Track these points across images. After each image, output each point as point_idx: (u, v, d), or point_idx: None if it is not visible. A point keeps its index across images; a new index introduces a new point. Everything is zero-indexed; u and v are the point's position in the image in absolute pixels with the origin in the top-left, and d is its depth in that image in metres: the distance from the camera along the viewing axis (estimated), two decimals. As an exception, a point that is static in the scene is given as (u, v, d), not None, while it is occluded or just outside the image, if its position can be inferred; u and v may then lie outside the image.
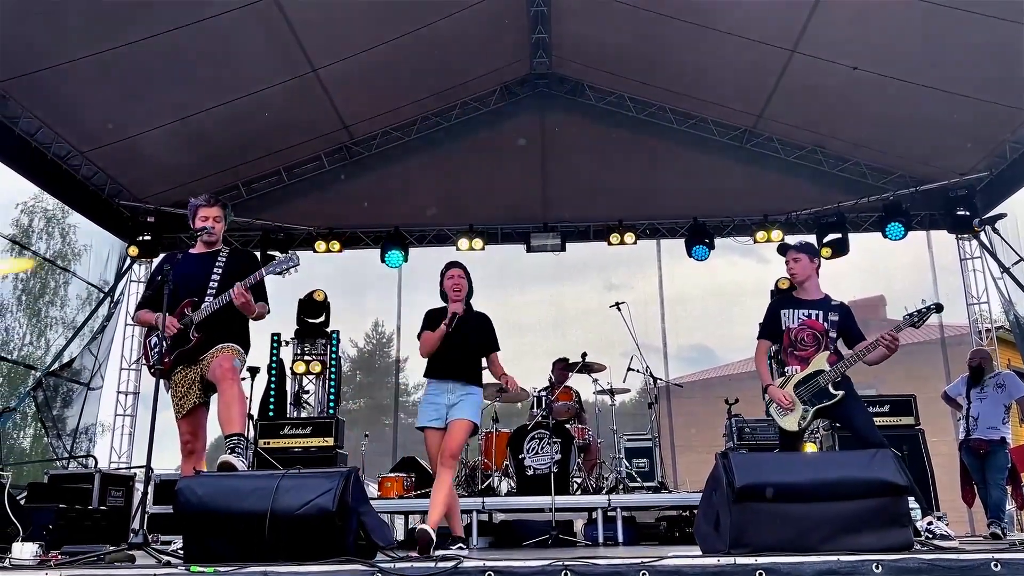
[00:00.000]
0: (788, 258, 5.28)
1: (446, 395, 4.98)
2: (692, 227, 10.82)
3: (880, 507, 3.44)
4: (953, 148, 9.75)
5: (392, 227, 10.97)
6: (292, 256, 4.64)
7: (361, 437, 9.37)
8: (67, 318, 14.97)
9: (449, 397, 4.97)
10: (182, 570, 3.27)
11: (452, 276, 5.14)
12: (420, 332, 5.17)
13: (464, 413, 4.93)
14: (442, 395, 4.99)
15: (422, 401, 5.12)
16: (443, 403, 4.97)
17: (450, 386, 4.99)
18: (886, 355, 4.92)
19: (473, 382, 5.08)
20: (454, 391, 4.98)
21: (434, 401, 5.00)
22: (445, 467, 4.87)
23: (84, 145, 9.21)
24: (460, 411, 4.94)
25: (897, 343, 4.84)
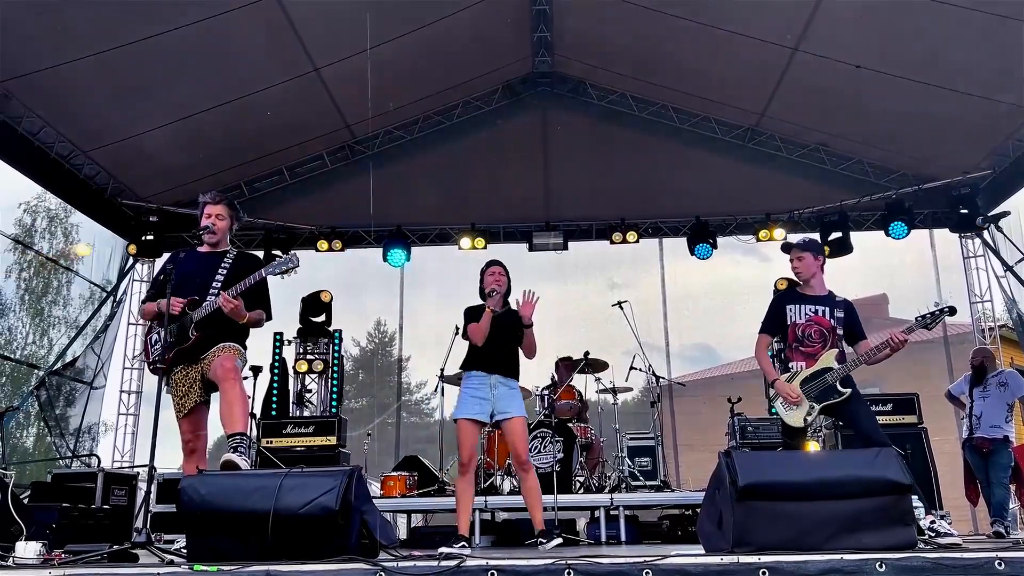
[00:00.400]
0: (792, 256, 5.27)
1: (489, 389, 5.13)
2: (694, 226, 10.82)
3: (883, 506, 3.43)
4: (956, 146, 9.74)
5: (394, 226, 10.97)
6: (292, 257, 4.61)
7: (363, 436, 9.37)
8: (70, 317, 14.96)
9: (492, 392, 5.13)
10: (185, 569, 3.27)
11: (493, 273, 5.33)
12: (464, 327, 5.32)
13: (516, 410, 5.16)
14: (484, 388, 5.14)
15: (461, 393, 5.23)
16: (486, 397, 5.12)
17: (493, 380, 5.15)
18: (888, 354, 4.93)
19: (514, 375, 5.27)
20: (496, 385, 5.15)
21: (476, 395, 5.13)
22: (526, 471, 5.18)
23: (86, 144, 9.21)
24: (511, 407, 5.14)
25: (903, 346, 4.84)
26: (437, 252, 11.57)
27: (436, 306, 12.55)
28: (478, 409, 5.11)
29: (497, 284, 5.28)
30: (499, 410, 5.12)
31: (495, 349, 5.18)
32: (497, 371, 5.18)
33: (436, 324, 12.06)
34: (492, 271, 5.35)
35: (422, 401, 29.80)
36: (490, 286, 5.28)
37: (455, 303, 12.86)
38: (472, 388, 5.18)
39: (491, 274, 5.33)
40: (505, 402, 5.13)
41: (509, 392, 5.18)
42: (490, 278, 5.31)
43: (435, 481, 8.26)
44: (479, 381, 5.17)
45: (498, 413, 5.13)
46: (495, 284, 5.28)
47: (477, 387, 5.16)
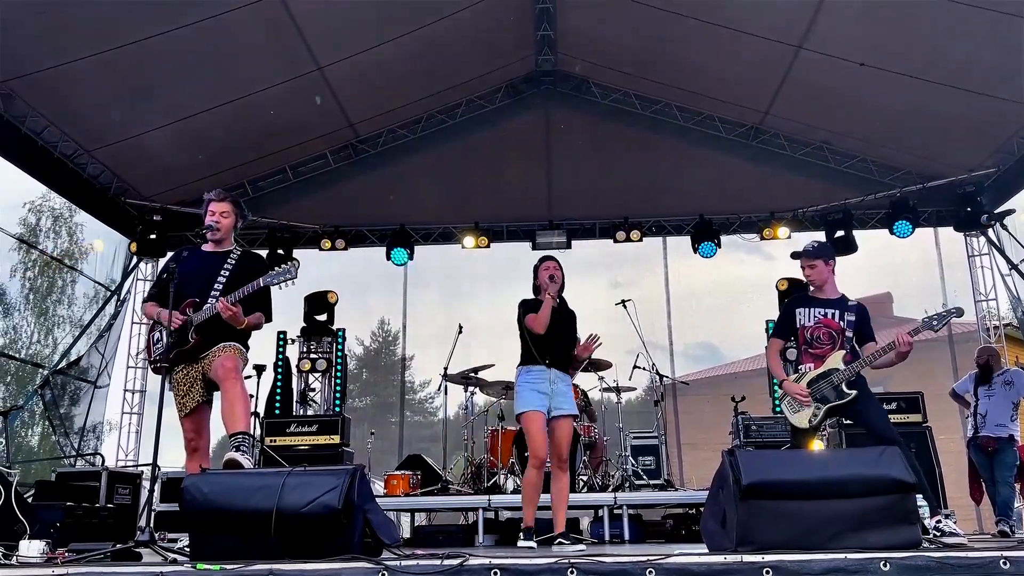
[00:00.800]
0: (803, 265, 5.25)
1: (548, 383, 5.18)
2: (698, 224, 10.80)
3: (888, 505, 3.42)
4: (961, 144, 9.70)
5: (398, 225, 10.97)
6: (290, 268, 4.59)
7: (367, 435, 9.37)
8: (74, 317, 15.02)
9: (552, 387, 5.18)
10: (188, 568, 3.26)
11: (548, 268, 5.36)
12: (520, 319, 5.32)
13: (568, 407, 5.22)
14: (544, 383, 5.18)
15: (522, 387, 5.24)
16: (546, 391, 5.16)
17: (552, 375, 5.20)
18: (893, 361, 4.91)
19: (567, 370, 5.37)
20: (555, 381, 5.21)
21: (537, 388, 5.18)
22: (563, 471, 5.21)
23: (90, 144, 9.22)
24: (564, 404, 5.20)
25: (910, 348, 4.82)
26: (440, 251, 11.57)
27: (440, 305, 12.56)
28: (540, 402, 5.15)
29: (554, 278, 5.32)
30: (555, 405, 5.17)
31: (554, 342, 5.24)
32: (556, 365, 5.25)
33: (439, 323, 12.10)
34: (547, 265, 5.38)
35: (425, 400, 29.82)
36: (549, 273, 5.31)
37: (458, 302, 12.94)
38: (532, 382, 5.21)
39: (546, 269, 5.36)
40: (561, 398, 5.20)
41: (565, 388, 5.26)
42: (544, 273, 5.34)
43: (438, 480, 8.26)
44: (539, 375, 5.21)
45: (554, 408, 5.17)
46: (554, 273, 5.33)
47: (537, 381, 5.20)
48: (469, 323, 9.00)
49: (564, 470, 5.23)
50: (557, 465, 5.21)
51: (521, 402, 5.21)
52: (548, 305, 5.17)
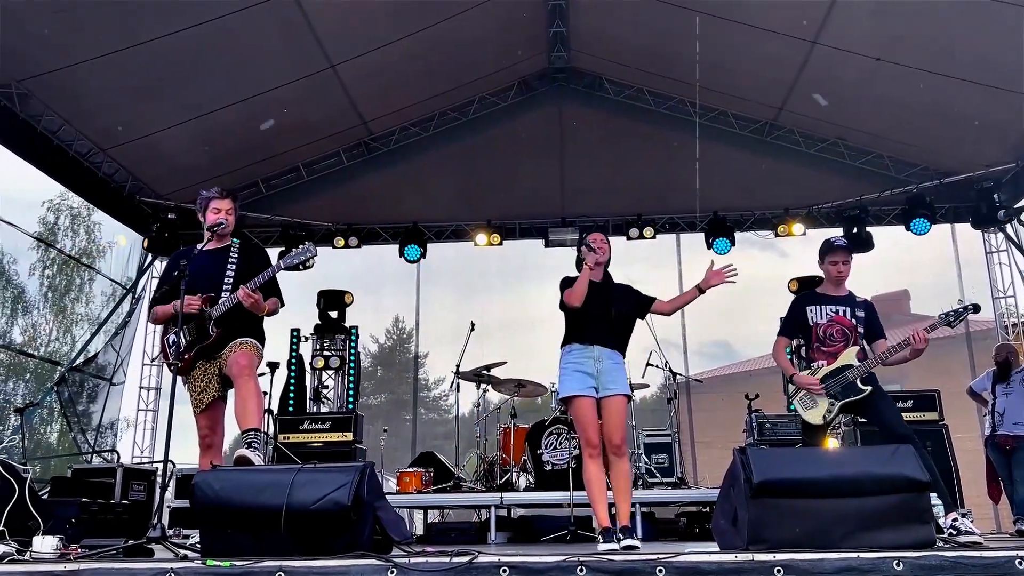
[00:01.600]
0: (839, 260, 5.13)
1: (593, 362, 4.74)
2: (712, 221, 10.74)
3: (901, 503, 3.39)
4: (978, 140, 9.59)
5: (410, 222, 10.98)
6: (308, 247, 4.60)
7: (380, 432, 9.39)
8: (92, 315, 15.12)
9: (597, 365, 4.73)
10: (199, 564, 3.28)
11: (594, 239, 4.99)
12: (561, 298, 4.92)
13: (619, 386, 4.73)
14: (588, 362, 4.74)
15: (564, 370, 4.83)
16: (591, 371, 4.72)
17: (597, 352, 4.76)
18: (908, 358, 4.86)
19: (619, 348, 4.88)
20: (601, 359, 4.75)
21: (580, 369, 4.74)
22: (619, 457, 4.66)
23: (105, 142, 9.28)
24: (614, 383, 4.72)
25: (925, 345, 4.76)
26: (453, 249, 11.57)
27: (452, 302, 12.57)
28: (583, 384, 4.69)
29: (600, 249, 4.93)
30: (604, 385, 4.69)
31: (598, 320, 4.80)
32: (600, 342, 4.78)
33: (452, 321, 12.10)
34: (592, 237, 5.01)
35: (439, 398, 29.90)
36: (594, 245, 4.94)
37: (471, 299, 12.96)
38: (574, 362, 4.77)
39: (593, 239, 4.99)
40: (609, 376, 4.71)
41: (614, 366, 4.77)
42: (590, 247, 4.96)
43: (451, 477, 8.27)
44: (581, 354, 4.77)
45: (603, 388, 4.69)
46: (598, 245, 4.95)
47: (580, 361, 4.76)
48: (481, 320, 9.01)
49: (620, 455, 4.66)
50: (612, 451, 4.66)
51: (563, 386, 4.81)
52: (585, 276, 4.78)
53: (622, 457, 4.67)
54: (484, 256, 11.38)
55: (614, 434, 4.64)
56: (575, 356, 4.78)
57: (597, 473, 4.66)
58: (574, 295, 4.77)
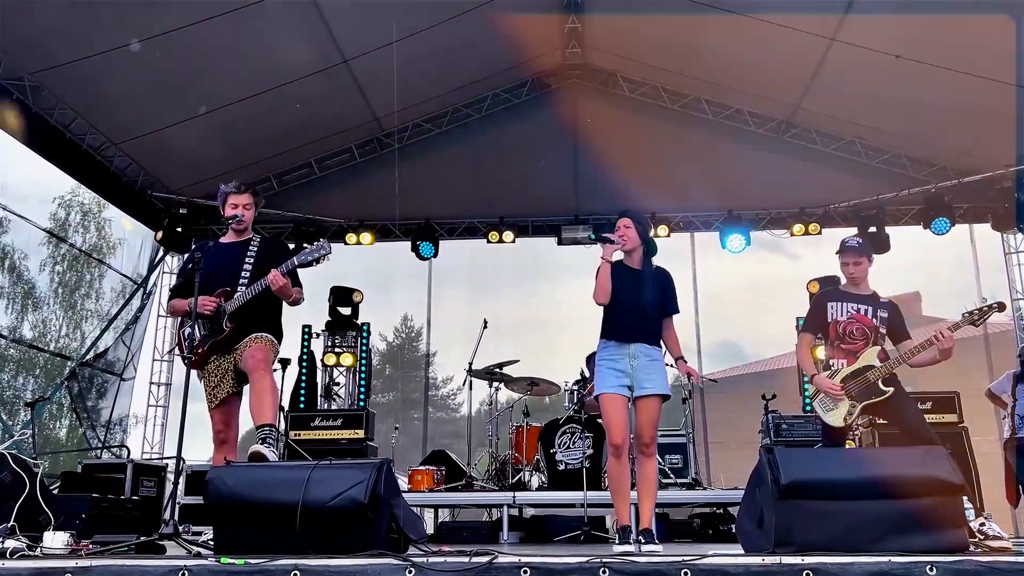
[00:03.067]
0: (849, 261, 5.04)
1: (628, 360, 4.56)
2: (727, 220, 10.64)
3: (934, 506, 3.30)
4: (998, 139, 9.43)
5: (423, 219, 10.92)
6: (323, 244, 4.56)
7: (390, 430, 9.34)
8: (102, 311, 15.10)
9: (632, 363, 4.55)
10: (212, 561, 3.22)
11: (619, 227, 4.73)
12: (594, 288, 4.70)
13: (656, 386, 4.55)
14: (623, 360, 4.56)
15: (598, 366, 4.67)
16: (626, 369, 4.55)
17: (632, 349, 4.57)
18: (936, 359, 4.74)
19: (657, 343, 4.68)
20: (636, 356, 4.56)
21: (614, 367, 4.57)
22: (647, 456, 4.56)
23: (117, 137, 9.25)
24: (651, 382, 4.54)
25: (952, 345, 4.65)
26: (465, 246, 11.50)
27: (465, 300, 12.50)
28: (617, 382, 4.52)
29: (621, 237, 4.66)
30: (639, 384, 4.52)
31: (631, 313, 4.57)
32: (636, 338, 4.57)
33: (464, 319, 12.04)
34: (618, 224, 4.74)
35: (448, 396, 29.88)
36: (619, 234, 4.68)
37: (483, 297, 12.89)
38: (609, 359, 4.61)
39: (617, 228, 4.72)
40: (645, 375, 4.53)
41: (650, 363, 4.57)
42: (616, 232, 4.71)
43: (463, 476, 8.20)
44: (616, 351, 4.59)
45: (638, 387, 4.53)
46: (623, 233, 4.68)
47: (614, 358, 4.59)
48: (494, 318, 8.93)
49: (649, 455, 4.55)
50: (640, 449, 4.55)
51: (597, 382, 4.66)
52: (605, 271, 4.54)
53: (651, 457, 4.60)
54: (496, 254, 11.30)
55: (644, 432, 4.53)
56: (610, 352, 4.64)
57: (619, 471, 4.58)
58: (597, 291, 4.60)
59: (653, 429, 4.57)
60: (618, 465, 4.57)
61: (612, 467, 4.63)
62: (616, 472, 4.60)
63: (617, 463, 4.57)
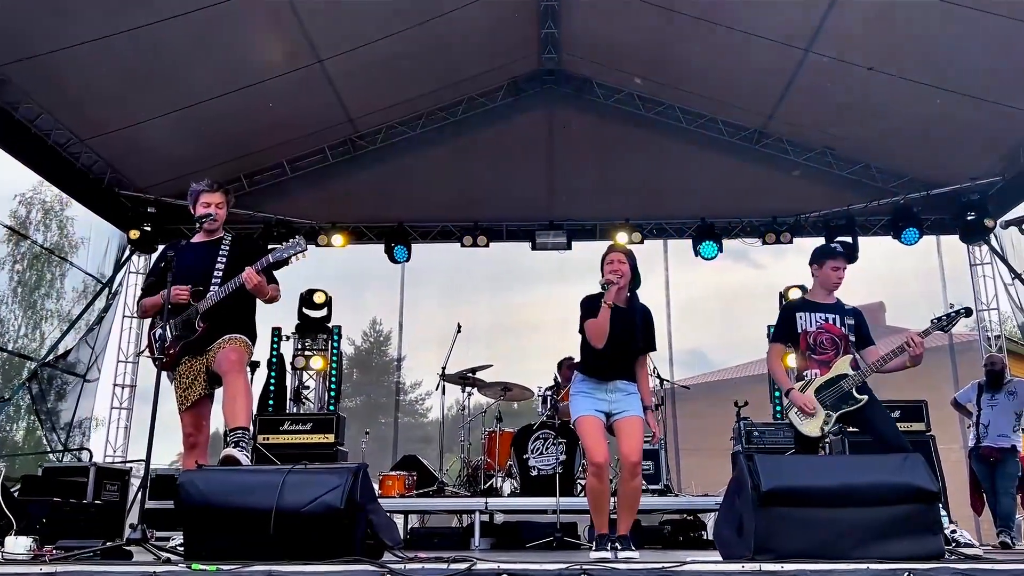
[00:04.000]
0: (840, 265, 5.10)
1: (606, 393, 4.56)
2: (700, 227, 10.70)
3: (912, 514, 3.31)
4: (966, 152, 9.63)
5: (396, 222, 10.83)
6: (298, 241, 4.48)
7: (358, 435, 9.23)
8: (63, 311, 14.81)
9: (608, 395, 4.55)
10: (183, 567, 3.13)
11: (612, 261, 4.64)
12: (581, 323, 4.64)
13: (632, 409, 4.52)
14: (600, 392, 4.57)
15: (574, 397, 4.66)
16: (603, 398, 4.55)
17: (609, 386, 4.57)
18: (906, 364, 4.79)
19: (633, 378, 4.66)
20: (614, 391, 4.57)
21: (591, 395, 4.57)
22: (632, 475, 4.50)
23: (85, 133, 9.05)
24: (629, 407, 4.53)
25: (922, 351, 4.70)
26: (439, 250, 11.43)
27: (437, 304, 12.43)
28: (594, 407, 4.53)
29: (615, 273, 4.56)
30: (615, 410, 4.53)
31: (614, 352, 4.54)
32: (616, 376, 4.58)
33: (436, 323, 11.98)
34: (611, 259, 4.64)
35: (416, 401, 29.71)
36: (612, 268, 4.56)
37: (455, 302, 12.81)
38: (586, 392, 4.60)
39: (609, 262, 4.63)
40: (622, 404, 4.54)
41: (627, 397, 4.57)
42: (607, 268, 4.60)
43: (434, 481, 8.12)
44: (595, 386, 4.59)
45: (615, 414, 4.54)
46: (617, 267, 4.58)
47: (592, 391, 4.59)
48: (466, 323, 8.89)
49: (635, 474, 4.51)
50: (629, 470, 4.51)
51: (573, 408, 4.65)
52: (605, 315, 4.43)
53: (636, 476, 4.53)
54: (469, 258, 11.25)
55: (631, 454, 4.45)
56: (588, 387, 4.61)
57: (598, 486, 4.51)
58: (597, 335, 4.49)
59: (638, 455, 4.50)
60: (599, 484, 4.51)
61: (593, 486, 4.55)
62: (597, 490, 4.53)
63: (598, 482, 4.50)
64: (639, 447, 4.48)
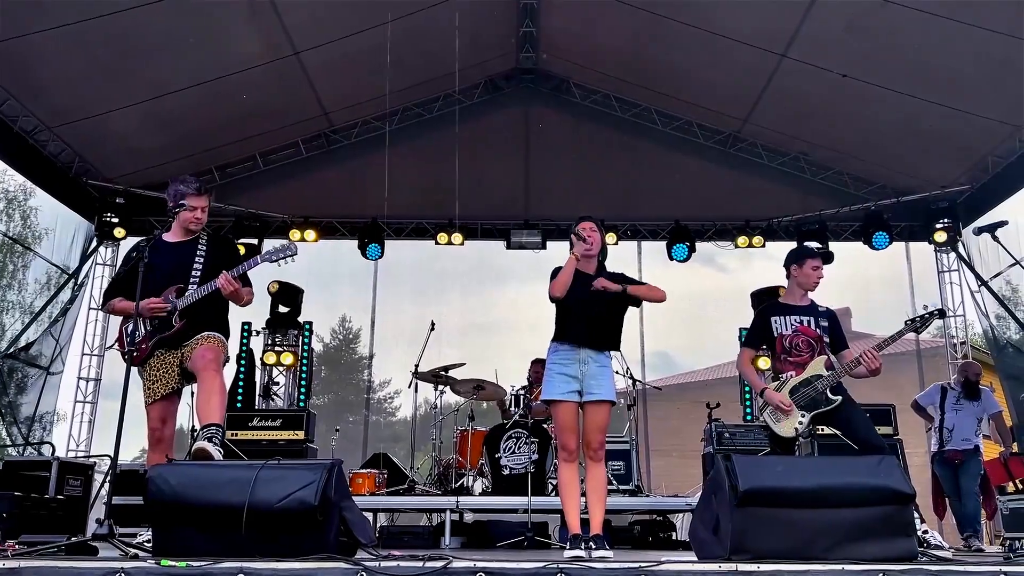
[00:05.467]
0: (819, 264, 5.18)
1: (578, 364, 4.60)
2: (674, 230, 10.74)
3: (886, 515, 3.34)
4: (936, 160, 9.78)
5: (370, 218, 10.74)
6: (291, 246, 4.50)
7: (328, 432, 9.15)
8: (24, 303, 14.50)
9: (582, 368, 4.59)
10: (151, 563, 3.06)
11: (585, 227, 4.78)
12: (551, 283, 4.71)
13: (603, 392, 4.57)
14: (573, 364, 4.60)
15: (548, 371, 4.69)
16: (575, 374, 4.59)
17: (582, 354, 4.61)
18: (865, 374, 4.87)
19: (607, 348, 4.70)
20: (586, 361, 4.60)
21: (564, 372, 4.61)
22: (595, 461, 4.59)
23: (53, 120, 8.85)
24: (599, 388, 4.57)
25: (878, 365, 4.79)
26: (412, 246, 11.36)
27: (410, 302, 12.35)
28: (566, 388, 4.57)
29: (589, 238, 4.71)
30: (587, 390, 4.56)
31: (585, 318, 4.62)
32: (587, 344, 4.61)
33: (408, 320, 11.90)
34: (583, 225, 4.79)
35: (385, 400, 29.56)
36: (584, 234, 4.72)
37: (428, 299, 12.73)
38: (559, 364, 4.64)
39: (583, 228, 4.77)
40: (594, 381, 4.57)
41: (599, 370, 4.60)
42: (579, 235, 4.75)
43: (405, 479, 8.06)
44: (567, 355, 4.63)
45: (586, 393, 4.57)
46: (588, 234, 4.73)
47: (565, 362, 4.62)
48: (439, 321, 8.84)
49: (597, 460, 4.59)
50: (589, 455, 4.59)
51: (546, 388, 4.67)
52: (570, 265, 4.59)
53: (599, 462, 4.61)
54: (443, 255, 11.21)
55: (593, 437, 4.57)
56: (561, 356, 4.66)
57: (571, 478, 4.62)
58: (557, 284, 4.60)
59: (602, 435, 4.61)
60: (569, 471, 4.63)
61: (564, 472, 4.65)
62: (568, 477, 4.63)
63: (568, 468, 4.62)
64: (603, 429, 4.61)
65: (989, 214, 9.51)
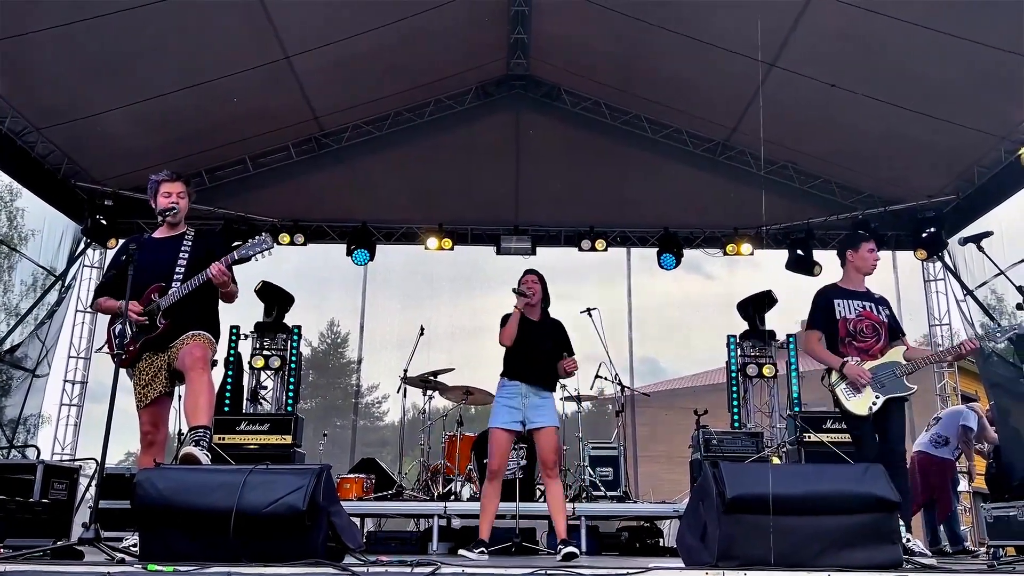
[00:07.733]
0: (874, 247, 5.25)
1: (521, 398, 5.29)
2: (663, 237, 10.78)
3: (872, 523, 3.36)
4: (923, 170, 9.84)
5: (359, 222, 10.74)
6: (265, 239, 4.39)
7: (315, 437, 9.11)
8: (10, 304, 14.38)
9: (524, 401, 5.28)
10: (138, 568, 3.05)
11: (525, 281, 5.51)
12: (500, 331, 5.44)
13: (548, 419, 5.30)
14: (517, 398, 5.30)
15: (496, 402, 5.41)
16: (518, 407, 5.27)
17: (524, 389, 5.31)
18: None
19: (548, 387, 5.42)
20: (528, 395, 5.30)
21: (509, 404, 5.30)
22: (551, 479, 5.34)
23: (41, 121, 8.79)
24: (543, 417, 5.28)
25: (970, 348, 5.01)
26: (402, 251, 11.35)
27: (399, 307, 12.33)
28: (510, 418, 5.26)
29: (529, 288, 5.44)
30: (530, 419, 5.25)
31: (528, 359, 5.34)
32: (529, 381, 5.32)
33: (396, 325, 11.88)
34: (526, 279, 5.54)
35: (373, 404, 29.47)
36: (526, 286, 5.45)
37: (417, 304, 12.69)
38: (505, 397, 5.34)
39: (524, 282, 5.52)
40: (536, 412, 5.27)
41: (540, 402, 5.32)
42: (523, 285, 5.49)
43: (392, 484, 8.05)
44: (512, 390, 5.34)
45: (529, 422, 5.25)
46: (530, 287, 5.46)
47: (509, 396, 5.32)
48: (428, 326, 8.85)
49: (553, 478, 5.34)
50: (546, 474, 5.35)
51: (492, 417, 5.37)
52: (515, 317, 5.30)
53: (555, 479, 5.36)
54: (432, 261, 11.20)
55: (547, 458, 5.28)
56: (506, 391, 5.37)
57: (491, 493, 5.36)
58: (505, 334, 5.33)
59: (555, 455, 5.32)
60: (491, 488, 5.36)
61: (487, 490, 5.38)
62: (490, 493, 5.36)
63: (491, 486, 5.36)
64: (555, 450, 5.34)
65: (975, 224, 9.58)
